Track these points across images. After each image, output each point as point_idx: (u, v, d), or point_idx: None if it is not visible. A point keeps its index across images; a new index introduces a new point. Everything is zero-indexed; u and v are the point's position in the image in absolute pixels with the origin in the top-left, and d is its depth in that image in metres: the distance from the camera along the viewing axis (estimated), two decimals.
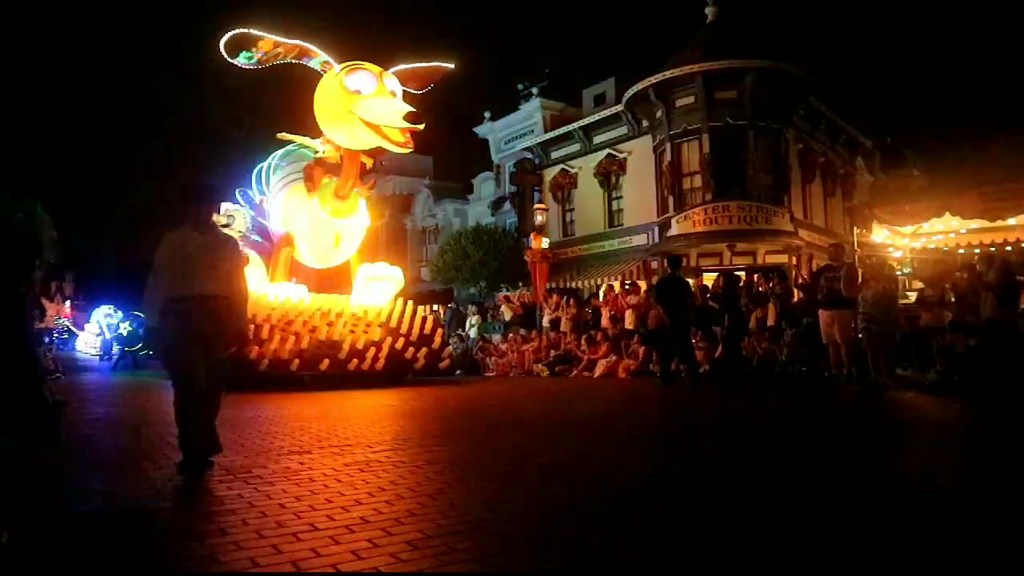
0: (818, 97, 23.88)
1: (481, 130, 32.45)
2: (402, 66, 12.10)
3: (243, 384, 9.95)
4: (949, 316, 10.15)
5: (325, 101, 11.35)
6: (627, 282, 19.76)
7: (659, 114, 22.87)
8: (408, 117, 10.47)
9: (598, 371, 14.12)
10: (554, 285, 23.46)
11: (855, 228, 16.96)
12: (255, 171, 14.14)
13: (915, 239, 15.44)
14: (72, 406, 7.71)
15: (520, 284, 25.21)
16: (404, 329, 12.74)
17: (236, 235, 14.91)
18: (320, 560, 2.59)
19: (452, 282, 26.67)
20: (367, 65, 11.11)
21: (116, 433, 6.28)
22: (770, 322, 12.60)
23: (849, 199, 26.50)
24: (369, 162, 12.91)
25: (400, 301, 13.27)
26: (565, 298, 17.78)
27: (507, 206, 30.82)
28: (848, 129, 27.03)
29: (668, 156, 22.58)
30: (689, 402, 8.73)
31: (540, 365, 15.73)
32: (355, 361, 11.76)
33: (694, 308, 11.60)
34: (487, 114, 32.02)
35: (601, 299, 17.16)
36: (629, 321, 15.10)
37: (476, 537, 2.82)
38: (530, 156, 28.87)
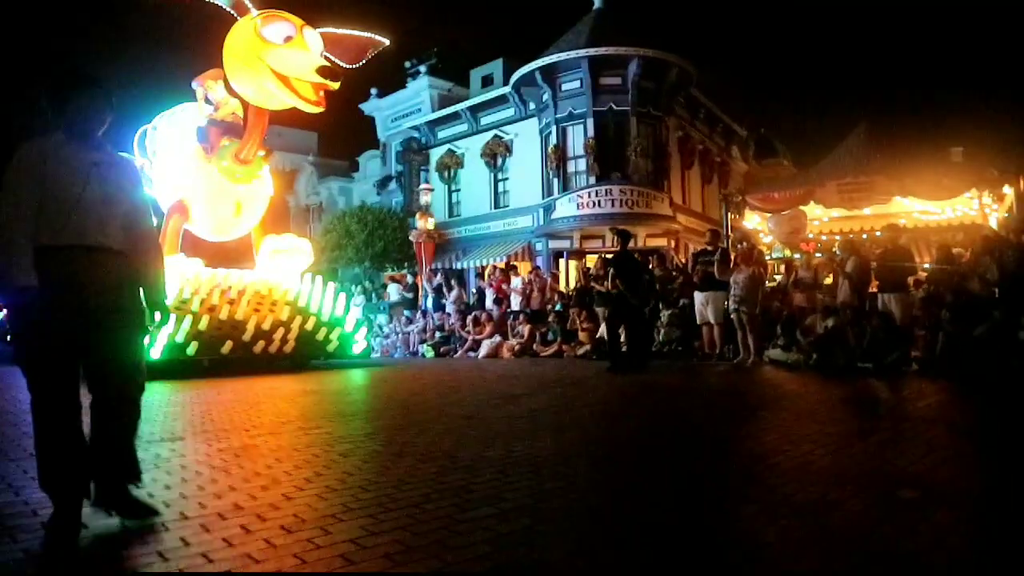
0: (698, 87, 24.76)
1: (367, 107, 31.85)
2: (331, 29, 11.01)
3: None
4: (822, 299, 10.79)
5: (235, 46, 10.12)
6: (512, 263, 19.96)
7: (545, 97, 23.13)
8: (321, 71, 9.53)
9: (483, 351, 14.24)
10: (439, 265, 23.44)
11: (729, 214, 17.78)
12: (138, 133, 12.90)
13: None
14: None
15: (405, 264, 25.05)
16: (315, 308, 12.01)
17: None
18: (189, 549, 2.52)
19: (336, 262, 26.16)
20: (287, 15, 10.05)
21: None
22: None
23: (725, 186, 27.68)
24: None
25: (309, 277, 12.46)
26: (448, 278, 17.79)
27: (393, 185, 30.46)
28: (724, 119, 28.21)
29: (553, 139, 22.90)
30: (580, 380, 8.94)
31: (425, 346, 15.73)
32: (261, 343, 10.95)
33: (650, 286, 11.15)
34: (374, 91, 31.45)
35: (486, 280, 17.27)
36: (514, 302, 15.28)
37: (349, 520, 2.81)
38: (417, 135, 28.61)
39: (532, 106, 24.22)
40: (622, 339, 10.40)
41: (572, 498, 3.18)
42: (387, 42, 11.76)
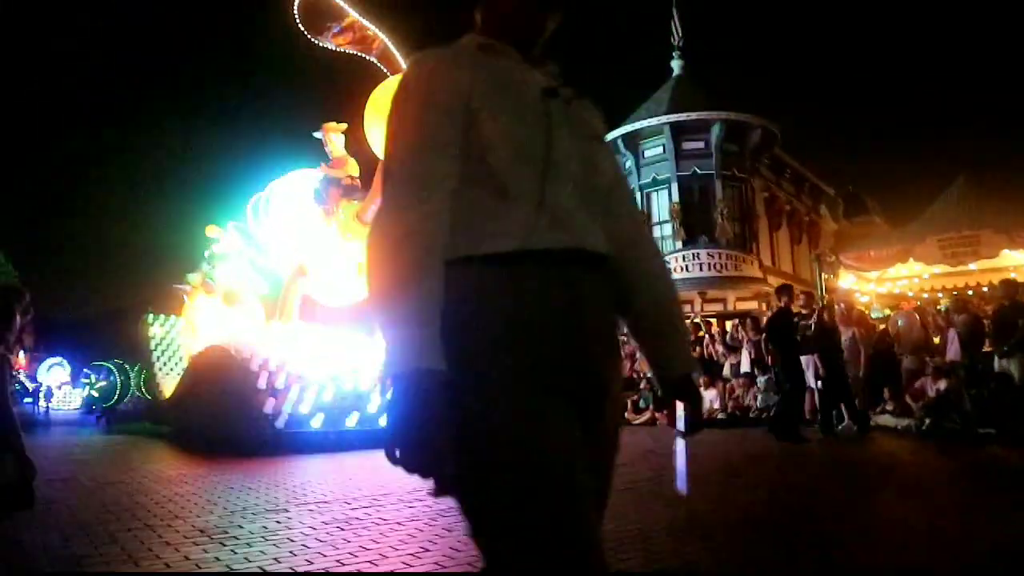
0: (782, 147, 24.49)
1: None
2: None
3: (256, 447, 8.70)
4: (931, 360, 10.25)
5: (378, 97, 9.96)
6: None
7: (628, 164, 23.25)
8: None
9: None
10: None
11: (822, 274, 17.25)
12: (251, 202, 12.96)
13: (880, 283, 15.75)
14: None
15: None
16: None
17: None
18: None
19: None
20: None
21: (80, 494, 6.07)
22: (744, 368, 12.65)
23: (815, 246, 27.02)
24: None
25: None
26: None
27: None
28: (811, 177, 27.71)
29: (638, 205, 22.91)
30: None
31: None
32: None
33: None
34: None
35: None
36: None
37: None
38: None
39: None
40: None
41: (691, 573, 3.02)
42: None
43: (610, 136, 22.95)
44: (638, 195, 22.86)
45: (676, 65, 24.28)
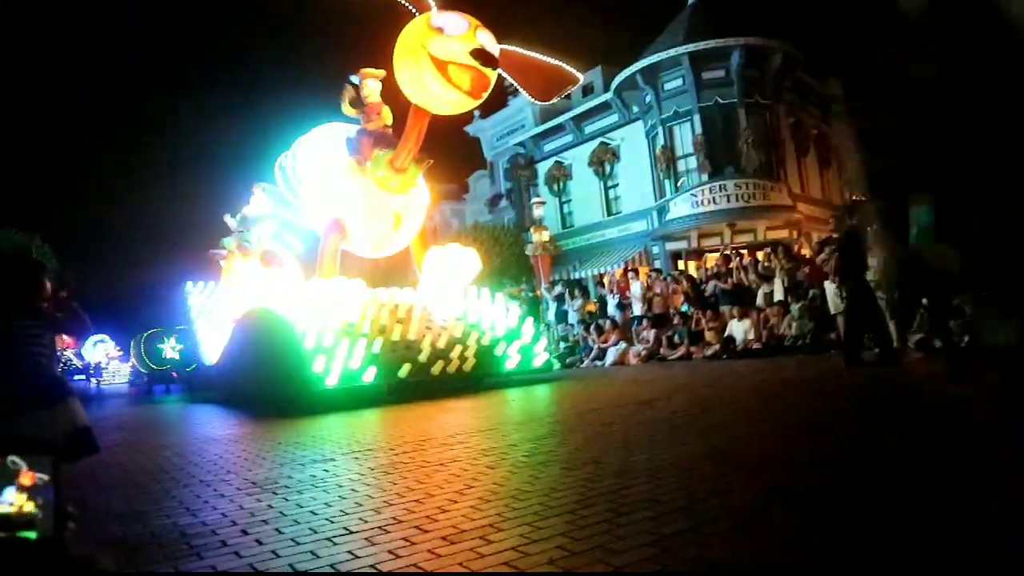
0: (805, 71, 23.86)
1: (472, 129, 32.44)
2: (523, 50, 10.11)
3: (304, 405, 8.91)
4: None
5: (404, 37, 9.60)
6: (630, 269, 19.78)
7: (648, 99, 22.90)
8: (475, 53, 8.72)
9: (609, 359, 14.14)
10: (557, 277, 23.50)
11: (853, 197, 16.97)
12: (278, 161, 12.83)
13: None
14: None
15: (523, 279, 25.25)
16: (487, 322, 11.05)
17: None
18: (358, 561, 2.61)
19: None
20: (464, 14, 9.44)
21: (136, 458, 6.30)
22: (778, 297, 12.60)
23: (844, 169, 26.50)
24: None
25: (475, 289, 11.56)
26: (569, 289, 17.78)
27: (504, 203, 30.83)
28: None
29: (661, 140, 22.62)
30: (713, 381, 8.70)
31: (551, 358, 15.75)
32: (440, 363, 10.02)
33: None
34: (477, 112, 32.00)
35: (606, 287, 17.16)
36: (636, 307, 15.11)
37: (508, 528, 2.83)
38: (523, 151, 28.88)
39: (635, 109, 24.03)
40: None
41: (728, 499, 3.09)
42: (581, 78, 10.94)
43: (628, 71, 22.54)
44: (660, 129, 22.52)
45: None
